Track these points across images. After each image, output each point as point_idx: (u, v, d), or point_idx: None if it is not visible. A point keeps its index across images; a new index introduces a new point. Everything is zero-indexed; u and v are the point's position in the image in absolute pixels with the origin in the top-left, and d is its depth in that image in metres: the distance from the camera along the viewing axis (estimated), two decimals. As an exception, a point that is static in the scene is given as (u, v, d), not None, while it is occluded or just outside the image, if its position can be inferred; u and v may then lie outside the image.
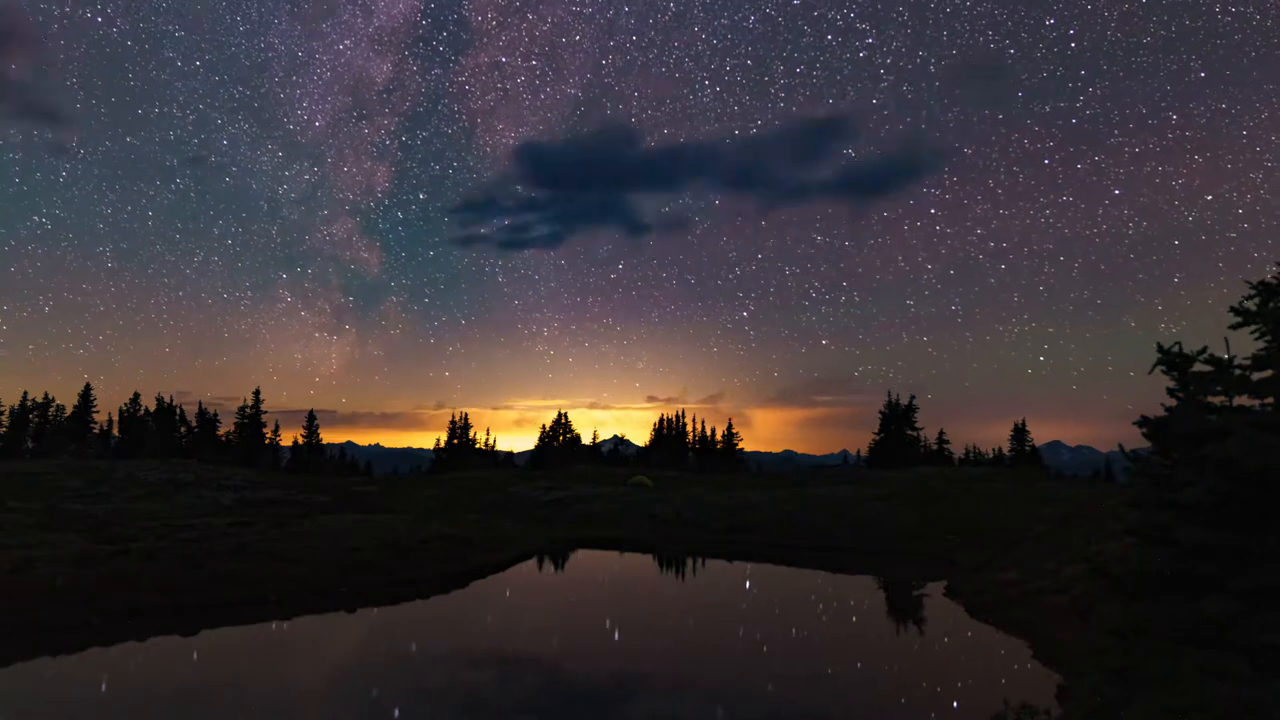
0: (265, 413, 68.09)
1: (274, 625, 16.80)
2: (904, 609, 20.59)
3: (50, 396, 64.61)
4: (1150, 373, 7.30)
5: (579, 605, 20.00)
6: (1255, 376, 6.80)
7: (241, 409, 67.84)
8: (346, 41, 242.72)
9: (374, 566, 21.53)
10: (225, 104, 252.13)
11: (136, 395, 68.00)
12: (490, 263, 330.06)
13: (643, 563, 28.44)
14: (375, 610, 18.47)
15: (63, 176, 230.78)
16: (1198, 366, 7.09)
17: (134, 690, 12.14)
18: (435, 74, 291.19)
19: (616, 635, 16.92)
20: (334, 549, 22.18)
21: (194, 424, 68.01)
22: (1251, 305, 6.96)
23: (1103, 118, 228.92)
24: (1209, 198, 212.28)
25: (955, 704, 11.90)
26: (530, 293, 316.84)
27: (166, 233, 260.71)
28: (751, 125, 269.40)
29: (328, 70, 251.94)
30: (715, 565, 27.63)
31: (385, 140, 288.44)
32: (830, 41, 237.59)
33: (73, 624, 15.18)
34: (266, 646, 15.39)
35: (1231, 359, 6.92)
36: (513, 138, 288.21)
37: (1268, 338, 6.79)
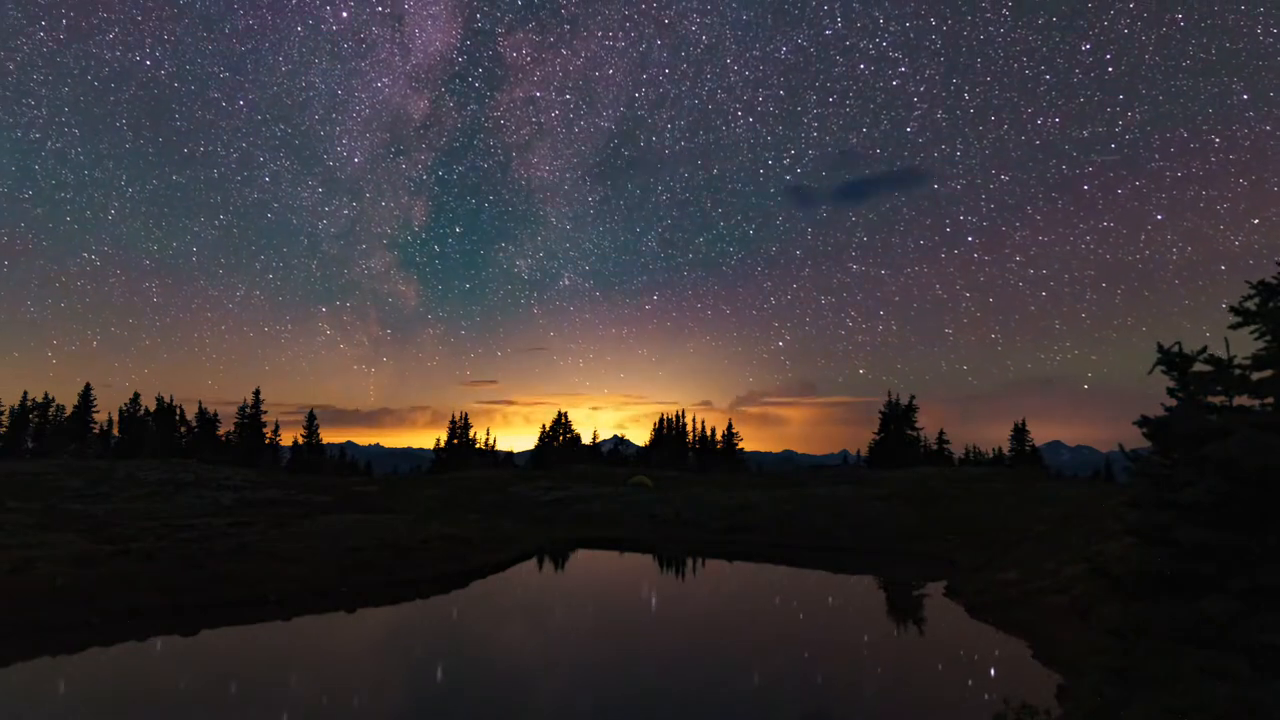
0: (265, 413, 68.16)
1: (274, 625, 16.80)
2: (904, 609, 20.59)
3: (50, 396, 64.68)
4: (1150, 373, 7.30)
5: (579, 605, 20.00)
6: (1255, 376, 6.80)
7: (241, 409, 67.88)
8: (385, 79, 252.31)
9: (374, 566, 21.53)
10: (267, 142, 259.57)
11: (136, 395, 68.06)
12: (525, 295, 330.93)
13: (643, 563, 28.44)
14: (375, 610, 18.47)
15: (111, 214, 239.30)
16: (1198, 366, 7.09)
17: (134, 690, 12.14)
18: (471, 109, 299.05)
19: (617, 635, 16.91)
20: (334, 549, 22.18)
21: (194, 424, 68.00)
22: (1251, 305, 6.95)
23: (1142, 142, 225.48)
24: (1255, 221, 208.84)
25: (955, 704, 11.89)
26: (565, 325, 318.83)
27: (210, 268, 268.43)
28: (785, 155, 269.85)
29: (366, 108, 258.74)
30: (715, 565, 27.63)
31: (422, 175, 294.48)
32: (863, 71, 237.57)
33: (73, 624, 15.18)
34: (266, 647, 15.38)
35: (1231, 359, 6.92)
36: (547, 171, 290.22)
37: (1268, 338, 6.79)
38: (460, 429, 75.59)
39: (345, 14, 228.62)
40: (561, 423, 77.66)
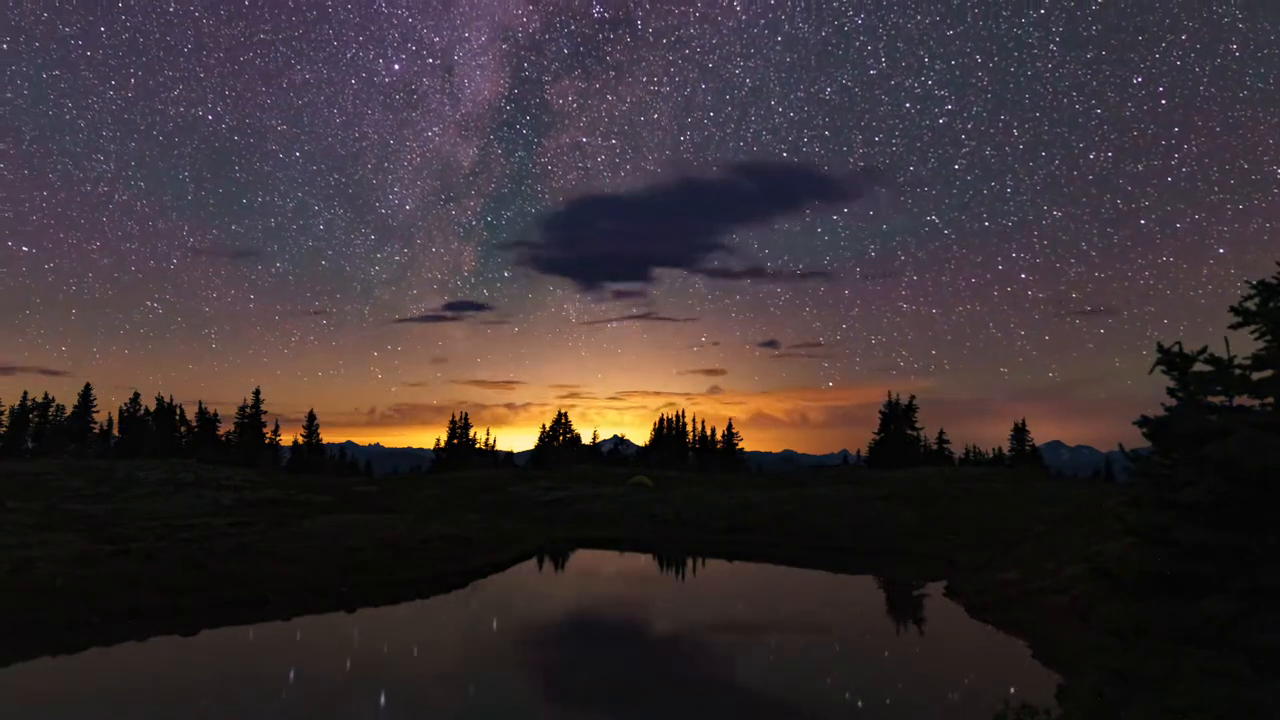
0: (265, 413, 68.15)
1: (274, 625, 16.80)
2: (904, 609, 20.59)
3: (50, 396, 64.68)
4: (1150, 373, 7.30)
5: (579, 605, 19.99)
6: (1255, 376, 6.79)
7: (241, 409, 67.87)
8: (435, 128, 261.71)
9: (374, 566, 21.53)
10: (322, 191, 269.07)
11: (136, 395, 68.05)
12: (573, 337, 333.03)
13: (643, 563, 28.44)
14: (375, 610, 18.47)
15: (173, 264, 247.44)
16: (1198, 366, 7.09)
17: (134, 690, 12.14)
18: (519, 155, 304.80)
19: (617, 636, 16.91)
20: (334, 549, 22.19)
21: (194, 424, 68.00)
22: (1251, 305, 6.95)
23: (1200, 175, 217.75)
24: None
25: (955, 704, 11.89)
26: (612, 365, 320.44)
27: (266, 315, 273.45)
28: (832, 195, 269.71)
29: (417, 156, 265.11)
30: (715, 565, 27.63)
31: (471, 221, 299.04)
32: (909, 109, 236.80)
33: (73, 624, 15.18)
34: (267, 647, 15.39)
35: (1231, 359, 6.92)
36: (594, 214, 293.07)
37: (1268, 338, 6.79)
38: (460, 429, 75.60)
39: (397, 66, 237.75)
40: (561, 423, 77.70)
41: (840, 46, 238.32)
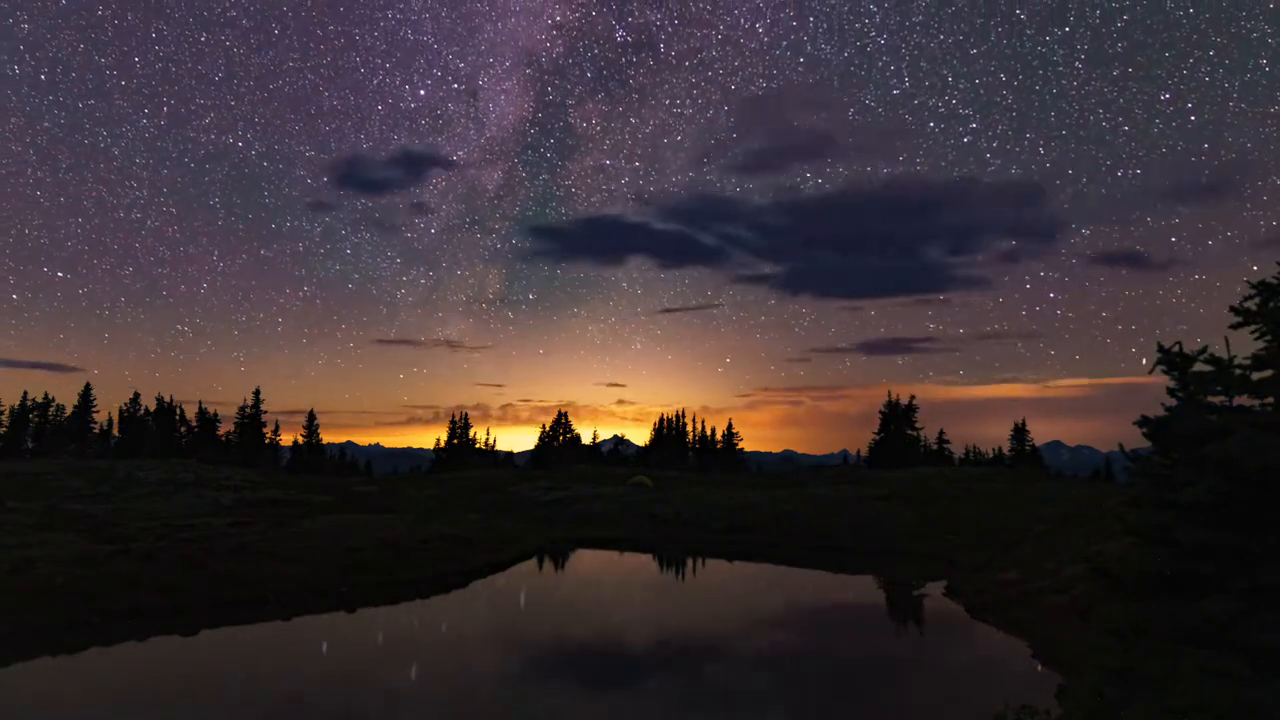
0: (265, 413, 68.13)
1: (274, 625, 16.81)
2: (904, 609, 20.59)
3: (50, 396, 64.67)
4: (1150, 373, 7.30)
5: (579, 606, 19.99)
6: (1255, 376, 6.79)
7: (241, 409, 67.85)
8: (460, 152, 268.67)
9: (374, 566, 21.53)
10: (349, 215, 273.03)
11: (136, 395, 68.02)
12: (599, 360, 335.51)
13: (643, 563, 28.44)
14: (375, 610, 18.47)
15: (204, 288, 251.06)
16: (1198, 366, 7.09)
17: (134, 690, 12.14)
18: (543, 179, 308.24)
19: (617, 636, 16.91)
20: (334, 549, 22.19)
21: (194, 424, 67.99)
22: (1252, 305, 6.95)
23: (1233, 192, 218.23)
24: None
25: (955, 704, 11.89)
26: (635, 385, 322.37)
27: (294, 338, 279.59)
28: (855, 216, 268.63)
29: (443, 180, 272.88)
30: (715, 565, 27.63)
31: (496, 244, 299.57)
32: (933, 129, 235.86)
33: (73, 624, 15.19)
34: (267, 647, 15.39)
35: (1231, 359, 6.91)
36: (618, 236, 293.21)
37: (1268, 338, 6.78)
38: (460, 429, 75.58)
39: (423, 92, 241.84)
40: (562, 423, 77.68)
41: (863, 67, 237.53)
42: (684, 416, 76.63)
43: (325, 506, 33.10)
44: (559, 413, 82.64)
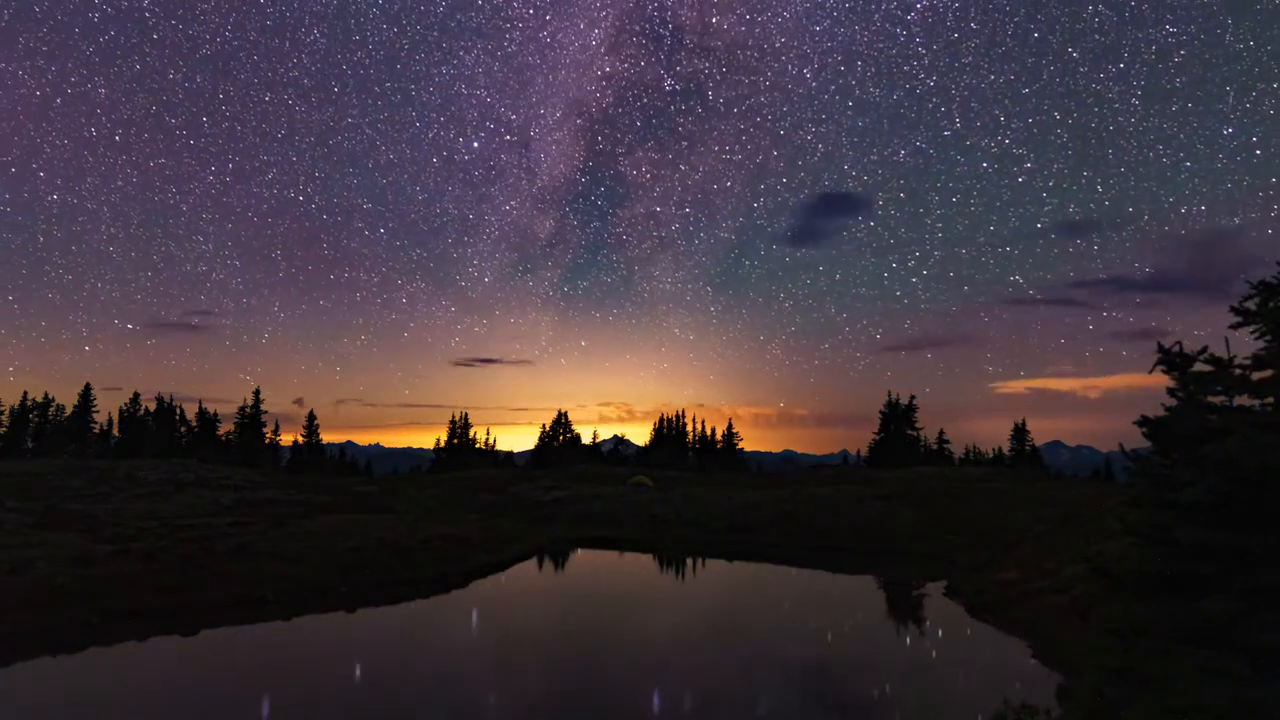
0: (265, 413, 68.12)
1: (274, 625, 16.80)
2: (904, 609, 20.58)
3: (50, 396, 64.66)
4: (1150, 373, 7.30)
5: (579, 606, 19.99)
6: (1255, 376, 6.79)
7: (241, 409, 67.83)
8: (513, 202, 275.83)
9: (374, 566, 21.53)
10: (405, 265, 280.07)
11: (136, 395, 68.01)
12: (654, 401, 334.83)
13: (643, 563, 28.43)
14: (375, 610, 18.46)
15: (265, 338, 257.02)
16: (1198, 366, 7.09)
17: (134, 690, 12.14)
18: (594, 226, 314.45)
19: (617, 636, 16.90)
20: (334, 549, 22.18)
21: (194, 424, 67.98)
22: (1252, 305, 6.95)
23: None
24: None
25: (955, 703, 11.89)
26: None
27: (352, 384, 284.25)
28: (909, 257, 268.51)
29: (495, 230, 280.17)
30: (715, 565, 27.62)
31: (548, 291, 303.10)
32: (986, 169, 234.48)
33: (73, 624, 15.18)
34: (266, 647, 15.39)
35: (1231, 359, 6.91)
36: (669, 283, 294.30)
37: (1268, 338, 6.78)
38: (460, 429, 75.58)
39: (476, 144, 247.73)
40: (562, 423, 77.65)
41: (913, 109, 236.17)
42: (684, 416, 76.66)
43: (325, 506, 33.10)
44: (559, 413, 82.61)
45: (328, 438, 73.53)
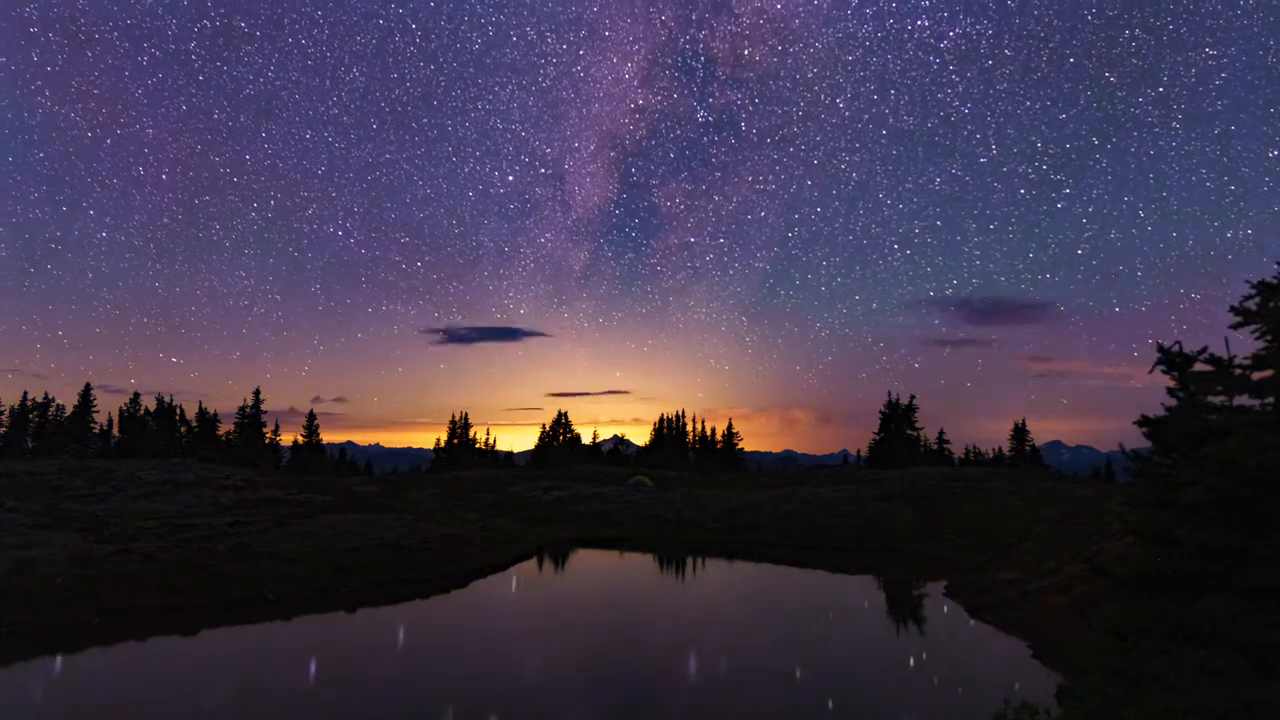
0: (265, 413, 68.12)
1: (274, 625, 16.80)
2: (904, 609, 20.59)
3: (50, 396, 64.69)
4: (1151, 373, 7.30)
5: (579, 606, 19.99)
6: (1255, 376, 6.78)
7: (241, 409, 67.82)
8: (548, 234, 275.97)
9: (374, 566, 21.52)
10: (442, 298, 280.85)
11: (136, 395, 68.04)
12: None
13: (643, 562, 28.43)
14: (375, 610, 18.47)
15: (305, 370, 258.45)
16: (1198, 366, 7.08)
17: (134, 690, 12.14)
18: (629, 258, 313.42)
19: (617, 636, 16.91)
20: (334, 549, 22.18)
21: (194, 424, 67.98)
22: (1252, 305, 6.95)
23: None
24: None
25: (955, 703, 11.89)
26: None
27: (391, 416, 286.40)
28: (947, 285, 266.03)
29: (531, 262, 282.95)
30: (715, 565, 27.63)
31: (583, 323, 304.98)
32: (1024, 196, 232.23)
33: (73, 624, 15.18)
34: (266, 647, 15.39)
35: (1231, 359, 6.91)
36: (704, 313, 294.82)
37: (1268, 338, 6.78)
38: (460, 429, 75.57)
39: (511, 177, 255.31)
40: (562, 422, 77.65)
41: (948, 137, 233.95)
42: (684, 416, 76.64)
43: (325, 506, 33.10)
44: (559, 413, 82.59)
45: (328, 438, 73.50)
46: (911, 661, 14.69)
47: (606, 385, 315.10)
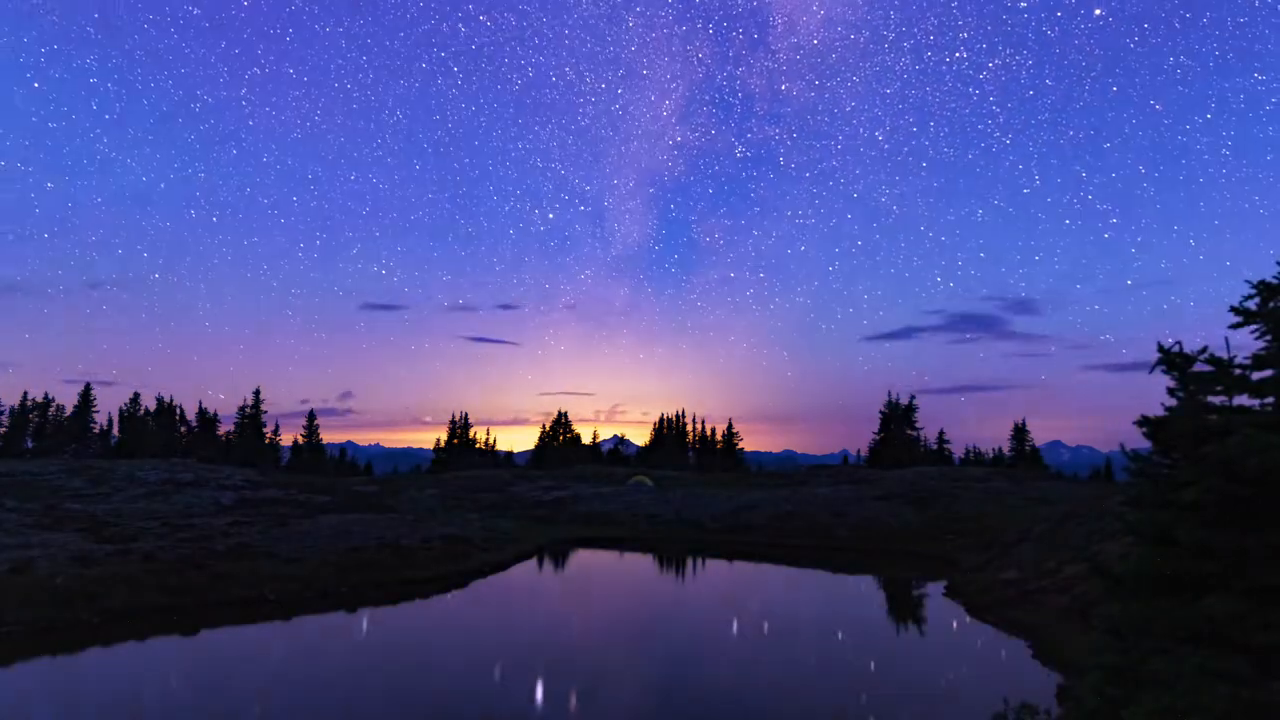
0: (265, 413, 68.12)
1: (274, 625, 16.80)
2: (904, 609, 20.59)
3: (50, 396, 64.69)
4: (1150, 372, 7.29)
5: (579, 606, 20.00)
6: (1255, 376, 6.78)
7: (241, 409, 67.85)
8: (588, 270, 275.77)
9: (374, 566, 21.52)
10: (485, 332, 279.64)
11: (137, 395, 68.03)
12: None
13: (643, 562, 28.43)
14: (375, 610, 18.46)
15: (349, 414, 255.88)
16: (1198, 366, 7.08)
17: (134, 690, 12.14)
18: (669, 293, 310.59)
19: (617, 636, 16.91)
20: (334, 549, 22.18)
21: (194, 424, 67.99)
22: (1252, 305, 6.94)
23: None
24: None
25: (955, 703, 11.89)
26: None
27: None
28: (992, 312, 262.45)
29: (571, 298, 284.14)
30: (715, 565, 27.63)
31: (625, 359, 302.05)
32: (1069, 225, 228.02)
33: (73, 624, 15.18)
34: (266, 647, 15.40)
35: (1231, 359, 6.91)
36: (745, 347, 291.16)
37: (1268, 337, 6.78)
38: (460, 429, 75.54)
39: (552, 215, 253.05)
40: (562, 422, 77.63)
41: (989, 168, 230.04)
42: (684, 416, 76.63)
43: (325, 506, 33.08)
44: (559, 412, 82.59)
45: (328, 438, 73.48)
46: (911, 661, 14.69)
47: (647, 422, 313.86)
